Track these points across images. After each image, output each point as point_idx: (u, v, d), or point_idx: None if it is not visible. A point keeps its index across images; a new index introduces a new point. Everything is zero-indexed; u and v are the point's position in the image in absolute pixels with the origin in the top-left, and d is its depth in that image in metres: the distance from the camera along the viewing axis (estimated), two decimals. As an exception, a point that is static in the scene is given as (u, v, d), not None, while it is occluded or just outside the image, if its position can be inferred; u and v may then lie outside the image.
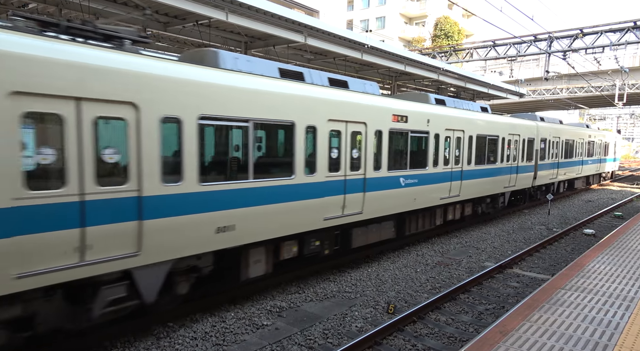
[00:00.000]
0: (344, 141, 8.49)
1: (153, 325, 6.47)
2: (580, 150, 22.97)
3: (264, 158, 7.17)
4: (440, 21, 47.38)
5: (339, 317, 7.05)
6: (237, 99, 6.50)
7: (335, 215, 8.43)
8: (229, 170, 6.59)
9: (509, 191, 16.00)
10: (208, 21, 11.42)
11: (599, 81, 32.79)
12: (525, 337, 4.72)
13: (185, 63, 6.03)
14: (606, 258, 8.06)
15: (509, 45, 22.66)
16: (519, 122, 16.21)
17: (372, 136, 9.10)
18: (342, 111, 8.35)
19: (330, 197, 8.25)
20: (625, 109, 57.17)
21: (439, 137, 11.44)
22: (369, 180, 9.12)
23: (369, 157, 9.09)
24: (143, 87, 5.35)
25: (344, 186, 8.54)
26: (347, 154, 8.58)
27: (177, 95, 5.70)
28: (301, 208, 7.65)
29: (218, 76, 6.31)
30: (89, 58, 4.93)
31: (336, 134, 8.35)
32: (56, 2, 10.10)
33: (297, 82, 7.63)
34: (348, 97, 8.58)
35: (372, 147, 9.14)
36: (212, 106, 6.17)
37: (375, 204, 9.43)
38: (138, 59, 5.40)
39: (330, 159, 8.17)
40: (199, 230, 6.09)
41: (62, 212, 4.75)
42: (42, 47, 4.60)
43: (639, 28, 18.63)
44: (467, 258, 10.77)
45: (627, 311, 5.51)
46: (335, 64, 17.57)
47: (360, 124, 8.82)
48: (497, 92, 26.36)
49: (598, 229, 14.52)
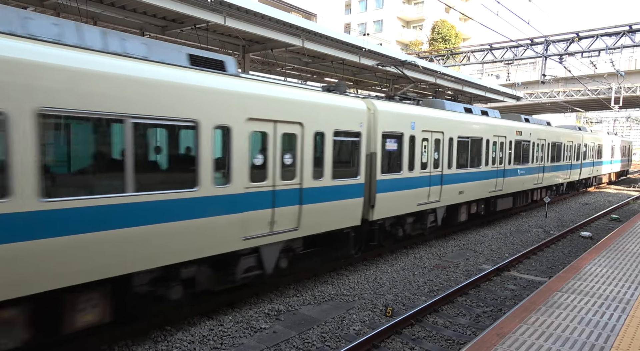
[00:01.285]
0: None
1: (151, 328, 6.46)
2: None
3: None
4: (438, 25, 47.59)
5: (337, 320, 7.05)
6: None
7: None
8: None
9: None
10: (206, 25, 11.46)
11: (595, 84, 32.96)
12: (522, 339, 4.74)
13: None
14: (603, 260, 8.09)
15: (505, 49, 22.77)
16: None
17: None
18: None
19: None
20: (622, 112, 57.42)
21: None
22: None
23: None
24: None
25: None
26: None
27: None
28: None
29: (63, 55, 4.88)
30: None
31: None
32: (54, 6, 10.12)
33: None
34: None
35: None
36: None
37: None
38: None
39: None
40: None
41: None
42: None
43: (634, 32, 18.76)
44: (464, 261, 10.79)
45: (623, 313, 5.53)
46: (333, 68, 17.64)
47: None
48: (494, 96, 26.47)
49: (595, 232, 14.57)
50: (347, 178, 8.74)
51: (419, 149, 10.81)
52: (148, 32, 12.06)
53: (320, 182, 8.08)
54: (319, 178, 8.05)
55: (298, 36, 12.82)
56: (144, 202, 5.49)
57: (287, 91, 7.42)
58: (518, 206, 18.01)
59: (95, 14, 10.79)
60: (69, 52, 4.91)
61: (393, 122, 9.94)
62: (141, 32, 11.97)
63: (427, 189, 11.28)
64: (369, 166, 9.39)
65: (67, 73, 4.81)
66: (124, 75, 5.28)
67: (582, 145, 23.80)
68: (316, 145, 7.97)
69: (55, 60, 4.73)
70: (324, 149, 8.15)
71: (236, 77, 6.67)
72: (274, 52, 14.14)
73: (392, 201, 10.03)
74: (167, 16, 11.25)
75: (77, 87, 4.89)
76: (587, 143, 24.68)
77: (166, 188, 5.76)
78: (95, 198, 5.06)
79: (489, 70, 41.76)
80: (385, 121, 9.67)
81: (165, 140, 5.96)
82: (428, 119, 11.15)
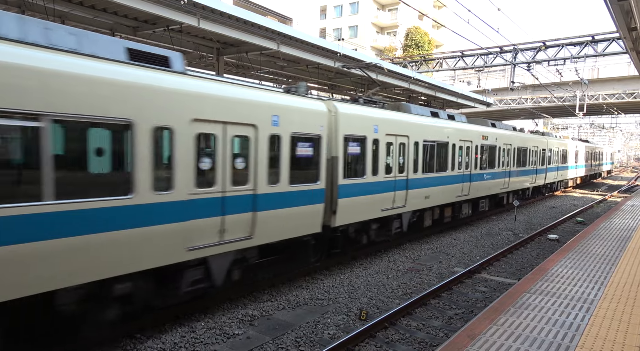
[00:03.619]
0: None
1: (119, 337, 6.27)
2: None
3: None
4: (411, 31, 48.50)
5: (312, 325, 7.03)
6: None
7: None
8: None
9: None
10: (179, 27, 11.31)
11: (561, 91, 34.26)
12: (492, 340, 4.84)
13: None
14: (569, 262, 8.37)
15: (476, 56, 23.42)
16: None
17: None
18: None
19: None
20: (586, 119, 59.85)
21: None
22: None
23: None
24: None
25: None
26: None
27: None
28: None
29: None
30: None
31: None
32: (19, 4, 9.77)
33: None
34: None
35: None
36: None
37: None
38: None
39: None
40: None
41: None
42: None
43: (596, 42, 19.62)
44: (437, 264, 10.96)
45: (587, 313, 5.73)
46: (309, 72, 17.69)
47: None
48: (466, 102, 27.15)
49: (561, 235, 15.07)
50: (306, 182, 8.40)
51: (383, 153, 10.56)
52: (119, 33, 11.79)
53: (277, 187, 7.70)
54: (274, 183, 7.66)
55: (273, 40, 12.80)
56: (65, 211, 4.93)
57: (239, 91, 6.98)
58: (486, 211, 18.19)
59: (63, 12, 10.48)
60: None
61: (355, 125, 9.67)
62: (111, 33, 11.69)
63: (392, 194, 11.09)
64: (330, 170, 9.09)
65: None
66: (42, 68, 4.72)
67: (547, 150, 24.49)
68: (272, 148, 7.57)
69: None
70: (280, 152, 7.75)
71: (181, 75, 6.22)
72: (248, 56, 14.07)
73: (355, 207, 9.76)
74: (138, 17, 11.04)
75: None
76: (552, 148, 25.32)
77: (95, 195, 5.22)
78: (4, 208, 4.47)
79: (460, 77, 42.80)
80: (347, 123, 9.40)
81: (94, 142, 5.31)
82: (392, 123, 10.95)
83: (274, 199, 7.66)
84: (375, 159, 10.35)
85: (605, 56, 20.21)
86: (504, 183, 18.78)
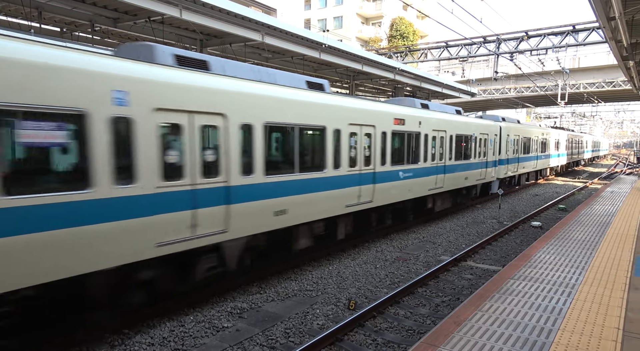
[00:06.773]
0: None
1: (106, 332, 6.23)
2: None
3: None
4: (396, 22, 48.48)
5: (301, 316, 7.08)
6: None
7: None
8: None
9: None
10: (161, 18, 11.11)
11: (543, 81, 34.74)
12: (478, 326, 4.95)
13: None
14: (551, 248, 8.57)
15: (460, 46, 23.56)
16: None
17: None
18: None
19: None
20: (567, 108, 60.84)
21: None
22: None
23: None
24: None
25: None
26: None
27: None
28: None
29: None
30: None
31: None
32: (-7, -5, 9.49)
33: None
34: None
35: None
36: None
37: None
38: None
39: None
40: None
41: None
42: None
43: (577, 31, 19.90)
44: (424, 253, 11.11)
45: (569, 297, 5.89)
46: (294, 63, 17.58)
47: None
48: (451, 92, 27.34)
49: (544, 222, 15.39)
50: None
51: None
52: (98, 25, 11.54)
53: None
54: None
55: (258, 31, 12.68)
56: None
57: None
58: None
59: (39, 3, 10.19)
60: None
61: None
62: (91, 25, 11.43)
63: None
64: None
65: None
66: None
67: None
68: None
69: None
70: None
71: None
72: (232, 47, 13.91)
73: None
74: (118, 8, 10.81)
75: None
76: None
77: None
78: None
79: (445, 67, 43.02)
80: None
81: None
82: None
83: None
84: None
85: (586, 46, 20.53)
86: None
